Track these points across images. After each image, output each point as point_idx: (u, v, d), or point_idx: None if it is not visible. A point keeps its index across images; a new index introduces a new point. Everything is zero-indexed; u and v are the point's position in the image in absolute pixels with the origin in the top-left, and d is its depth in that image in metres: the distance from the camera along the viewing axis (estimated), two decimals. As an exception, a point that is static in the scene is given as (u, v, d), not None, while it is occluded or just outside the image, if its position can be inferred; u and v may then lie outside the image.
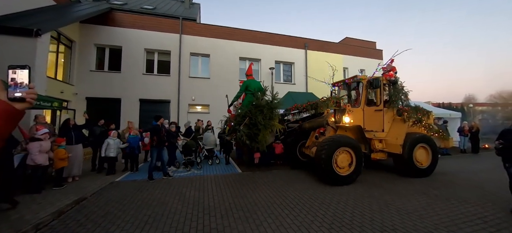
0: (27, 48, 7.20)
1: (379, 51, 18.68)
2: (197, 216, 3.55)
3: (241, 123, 4.84)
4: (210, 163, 7.81)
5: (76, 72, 11.44)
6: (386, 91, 6.24)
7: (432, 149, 5.86)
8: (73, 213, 3.69)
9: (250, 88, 5.36)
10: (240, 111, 4.98)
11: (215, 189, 4.90)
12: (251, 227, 3.13)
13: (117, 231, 3.05)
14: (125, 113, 11.75)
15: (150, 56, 13.03)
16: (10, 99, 0.75)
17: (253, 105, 4.95)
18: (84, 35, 11.61)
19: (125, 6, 13.34)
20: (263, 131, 4.84)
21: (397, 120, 6.03)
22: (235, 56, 14.17)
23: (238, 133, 4.75)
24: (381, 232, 2.96)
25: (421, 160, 5.80)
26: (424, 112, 6.27)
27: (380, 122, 6.05)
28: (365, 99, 6.08)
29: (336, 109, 5.78)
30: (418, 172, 5.69)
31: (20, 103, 0.77)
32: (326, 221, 3.30)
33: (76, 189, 4.84)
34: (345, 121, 5.57)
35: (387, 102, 6.16)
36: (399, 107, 6.03)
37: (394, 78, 6.08)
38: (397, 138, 5.80)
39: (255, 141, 4.89)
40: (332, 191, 4.66)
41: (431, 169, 5.85)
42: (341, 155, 5.11)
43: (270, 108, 4.99)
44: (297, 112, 7.14)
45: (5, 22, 7.30)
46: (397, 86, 6.11)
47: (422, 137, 5.86)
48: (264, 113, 4.86)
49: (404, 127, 5.85)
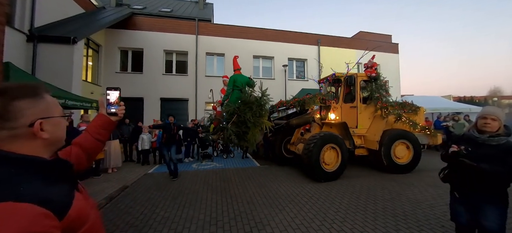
0: (65, 55, 8.04)
1: (394, 45, 18.32)
2: (226, 202, 4.06)
3: (229, 121, 4.49)
4: (225, 157, 8.41)
5: (103, 74, 12.39)
6: (368, 88, 6.26)
7: (413, 145, 5.83)
8: (121, 198, 4.34)
9: (237, 83, 5.02)
10: (227, 107, 4.65)
11: (238, 180, 5.41)
12: (275, 211, 3.59)
13: (162, 212, 3.62)
14: (148, 111, 12.58)
15: (169, 57, 13.75)
16: (108, 114, 1.01)
17: (241, 102, 4.60)
18: (109, 39, 12.49)
19: (144, 10, 14.12)
20: (252, 129, 4.48)
21: (377, 116, 6.06)
22: (249, 54, 14.57)
23: (226, 132, 4.38)
24: (394, 217, 3.31)
25: (401, 156, 5.81)
26: (412, 108, 6.27)
27: (356, 118, 6.13)
28: (343, 96, 6.18)
29: (322, 106, 5.89)
30: (398, 168, 5.70)
31: (115, 117, 1.02)
32: (342, 206, 3.69)
33: (118, 178, 5.54)
34: (331, 118, 5.76)
35: (368, 99, 6.21)
36: (378, 103, 6.00)
37: (375, 75, 6.11)
38: (375, 134, 5.85)
39: (244, 139, 4.54)
40: (339, 183, 5.02)
41: (412, 165, 5.84)
42: (327, 152, 5.26)
43: (259, 105, 4.59)
44: (283, 109, 7.07)
45: (45, 32, 8.17)
46: (378, 83, 6.13)
47: (401, 133, 5.86)
48: (254, 110, 4.48)
49: (382, 123, 5.89)
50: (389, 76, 16.36)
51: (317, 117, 5.88)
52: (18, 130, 0.61)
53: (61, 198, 0.61)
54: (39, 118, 0.64)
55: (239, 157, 8.43)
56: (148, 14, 13.86)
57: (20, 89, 0.63)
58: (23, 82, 0.63)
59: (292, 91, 12.82)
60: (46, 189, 0.59)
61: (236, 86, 5.02)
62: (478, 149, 1.74)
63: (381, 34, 19.44)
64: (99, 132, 0.99)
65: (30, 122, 0.62)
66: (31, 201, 0.53)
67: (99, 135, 0.99)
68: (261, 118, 4.57)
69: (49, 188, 0.60)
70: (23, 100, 0.62)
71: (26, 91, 0.64)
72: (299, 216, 3.41)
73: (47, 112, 0.67)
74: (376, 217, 3.33)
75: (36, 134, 0.63)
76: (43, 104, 0.66)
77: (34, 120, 0.63)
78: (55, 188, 0.62)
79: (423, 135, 6.18)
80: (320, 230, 2.98)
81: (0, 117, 0.59)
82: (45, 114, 0.66)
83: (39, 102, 0.65)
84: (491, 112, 1.76)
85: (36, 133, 0.63)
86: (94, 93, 11.30)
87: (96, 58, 12.15)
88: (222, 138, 4.66)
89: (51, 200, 0.57)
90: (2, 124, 0.59)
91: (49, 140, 0.66)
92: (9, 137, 0.60)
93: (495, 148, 1.69)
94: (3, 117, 0.59)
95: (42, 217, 0.53)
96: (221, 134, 4.62)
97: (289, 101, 6.21)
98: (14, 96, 0.61)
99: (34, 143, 0.64)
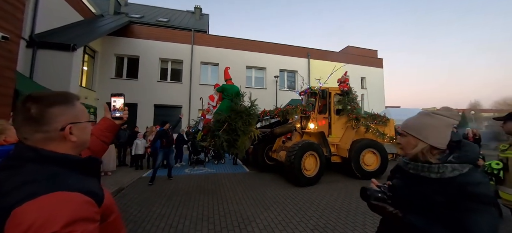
0: (63, 61, 8.31)
1: (379, 59, 19.47)
2: (217, 202, 4.45)
3: (220, 128, 4.65)
4: (216, 163, 8.79)
5: (98, 80, 12.61)
6: (341, 101, 6.88)
7: (380, 153, 6.39)
8: (118, 199, 4.64)
9: (228, 92, 5.19)
10: (218, 116, 4.82)
11: (228, 184, 5.81)
12: (260, 210, 4.02)
13: (158, 210, 3.98)
14: (141, 117, 12.82)
15: (164, 64, 14.16)
16: (113, 118, 1.09)
17: (233, 111, 4.83)
18: (106, 46, 12.80)
19: (142, 19, 14.57)
20: (242, 137, 4.75)
21: (349, 127, 6.67)
22: (242, 65, 15.19)
23: (217, 139, 4.54)
24: (362, 214, 3.82)
25: (369, 163, 6.33)
26: (382, 120, 6.96)
27: (331, 128, 6.74)
28: (319, 108, 6.75)
29: (303, 116, 6.43)
30: (366, 174, 6.16)
31: (119, 121, 1.11)
32: (320, 207, 4.17)
33: (113, 181, 5.82)
34: (310, 127, 6.33)
35: (341, 111, 6.85)
36: (349, 115, 6.61)
37: (347, 89, 6.76)
38: (346, 143, 6.42)
39: (234, 147, 4.76)
40: (320, 187, 5.52)
41: (380, 171, 6.35)
42: (308, 158, 5.69)
43: (248, 114, 4.88)
44: (267, 118, 7.36)
45: (44, 38, 8.45)
46: (350, 96, 6.76)
47: (369, 142, 6.40)
48: (244, 119, 4.78)
49: (352, 133, 6.49)
50: (374, 89, 17.44)
51: (298, 126, 6.44)
52: (51, 133, 0.68)
53: (97, 190, 0.70)
54: (69, 123, 0.71)
55: (230, 163, 8.83)
56: (145, 23, 14.31)
57: (54, 97, 0.71)
58: (57, 91, 0.76)
59: (283, 101, 13.43)
60: (87, 182, 0.69)
61: (227, 95, 5.21)
62: (411, 186, 0.96)
63: (367, 49, 20.58)
64: (104, 134, 1.09)
65: (61, 126, 0.69)
66: (79, 191, 0.62)
67: (104, 137, 1.09)
68: (250, 126, 4.88)
69: (88, 181, 0.69)
70: (56, 107, 0.69)
71: (59, 99, 0.72)
72: (281, 214, 3.86)
73: (76, 118, 0.74)
74: (348, 214, 3.83)
75: (66, 137, 0.70)
76: (73, 111, 0.73)
77: (65, 124, 0.70)
78: (91, 181, 0.71)
79: (391, 145, 6.79)
80: (299, 225, 3.44)
81: (36, 121, 0.66)
82: (74, 120, 0.72)
83: (70, 108, 0.73)
84: (404, 125, 1.05)
85: (66, 136, 0.70)
86: (88, 98, 11.50)
87: (91, 64, 12.40)
88: (213, 145, 4.86)
89: (93, 191, 0.66)
90: (38, 127, 0.66)
91: (77, 142, 0.73)
92: (44, 139, 0.67)
93: (437, 185, 0.87)
94: (39, 121, 0.66)
95: (89, 204, 0.62)
96: (211, 141, 4.85)
97: (273, 111, 6.57)
98: (49, 103, 0.68)
99: (65, 145, 0.71)
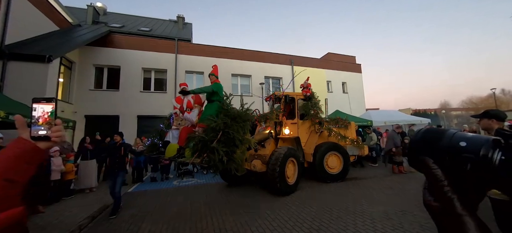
0: (38, 73, 7.83)
1: (358, 65, 20.54)
2: (210, 213, 4.39)
3: (214, 139, 3.61)
4: (205, 173, 8.66)
5: (76, 92, 11.95)
6: (304, 106, 6.78)
7: (343, 156, 6.44)
8: (102, 217, 4.40)
9: (221, 94, 4.35)
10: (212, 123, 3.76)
11: (221, 194, 5.75)
12: (254, 218, 4.03)
13: (148, 226, 3.83)
14: (124, 129, 12.16)
15: (147, 74, 13.78)
16: (33, 138, 0.65)
17: (227, 116, 3.92)
18: (83, 56, 12.22)
19: (123, 29, 14.17)
20: (240, 147, 3.84)
21: (313, 131, 6.66)
22: (227, 72, 15.22)
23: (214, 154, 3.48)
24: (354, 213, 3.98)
25: (333, 166, 6.32)
26: (344, 123, 7.07)
27: (297, 133, 6.52)
28: (285, 113, 6.57)
29: (276, 122, 6.16)
30: (331, 177, 6.17)
31: (44, 142, 0.67)
32: (313, 210, 4.27)
33: (96, 199, 5.50)
34: (285, 133, 6.15)
35: (305, 116, 6.73)
36: (312, 119, 6.60)
37: (310, 94, 6.74)
38: (310, 148, 6.34)
39: (232, 160, 3.73)
40: (310, 191, 5.66)
41: (343, 173, 6.39)
42: (289, 165, 5.44)
43: (244, 120, 4.02)
44: None
45: (17, 49, 7.92)
46: (313, 101, 6.73)
47: (332, 145, 6.39)
48: (240, 125, 3.91)
49: (316, 137, 6.52)
50: (353, 93, 18.31)
51: (273, 132, 6.15)
52: None
53: None
54: None
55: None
56: (126, 33, 13.92)
57: None
58: None
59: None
60: None
61: (219, 96, 4.38)
62: None
63: (346, 55, 21.66)
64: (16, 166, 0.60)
65: None
66: None
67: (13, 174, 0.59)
68: (246, 135, 4.05)
69: None
70: None
71: None
72: (276, 220, 3.90)
73: None
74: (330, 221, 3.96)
75: None
76: None
77: None
78: None
79: (353, 147, 6.95)
80: (293, 230, 3.50)
81: None
82: None
83: None
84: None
85: None
86: (65, 111, 10.84)
87: (68, 75, 11.74)
88: (206, 162, 3.56)
89: None
90: None
91: None
92: None
93: None
94: None
95: None
96: (205, 156, 3.57)
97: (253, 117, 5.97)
98: None
99: None
